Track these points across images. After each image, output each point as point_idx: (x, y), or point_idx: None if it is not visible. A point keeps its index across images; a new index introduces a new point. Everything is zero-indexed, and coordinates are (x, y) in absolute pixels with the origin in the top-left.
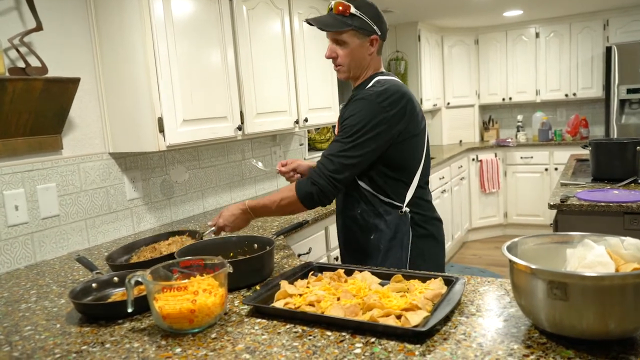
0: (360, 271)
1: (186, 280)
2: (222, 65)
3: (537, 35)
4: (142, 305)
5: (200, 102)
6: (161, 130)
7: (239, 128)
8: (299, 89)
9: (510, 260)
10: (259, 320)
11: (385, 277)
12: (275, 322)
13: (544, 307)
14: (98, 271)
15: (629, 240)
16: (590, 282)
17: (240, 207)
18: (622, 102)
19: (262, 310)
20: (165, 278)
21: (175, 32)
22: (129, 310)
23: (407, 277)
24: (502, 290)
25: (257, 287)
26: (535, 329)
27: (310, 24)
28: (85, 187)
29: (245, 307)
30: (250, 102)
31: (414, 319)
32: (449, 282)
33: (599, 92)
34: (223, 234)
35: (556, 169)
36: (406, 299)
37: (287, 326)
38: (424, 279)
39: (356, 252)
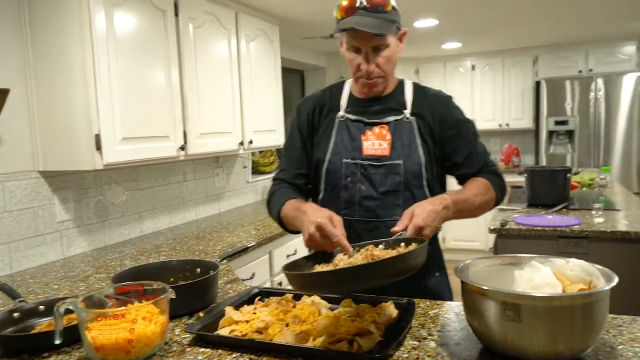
0: (309, 295)
1: (124, 308)
2: (165, 82)
3: (473, 67)
4: (72, 336)
5: (141, 120)
6: (98, 148)
7: (182, 148)
8: (245, 111)
9: (463, 282)
10: (202, 349)
11: (334, 302)
12: (220, 351)
13: (497, 329)
14: (21, 299)
15: (574, 261)
16: (542, 302)
17: (440, 201)
18: (550, 133)
19: (206, 339)
20: (100, 305)
21: (118, 47)
22: (57, 341)
23: (357, 302)
24: (452, 313)
25: (200, 314)
26: (487, 351)
27: (343, 30)
28: (9, 207)
29: (188, 335)
30: (194, 122)
31: (366, 344)
32: (399, 306)
33: (529, 123)
34: (162, 258)
35: None
36: (358, 323)
37: (233, 355)
38: (374, 303)
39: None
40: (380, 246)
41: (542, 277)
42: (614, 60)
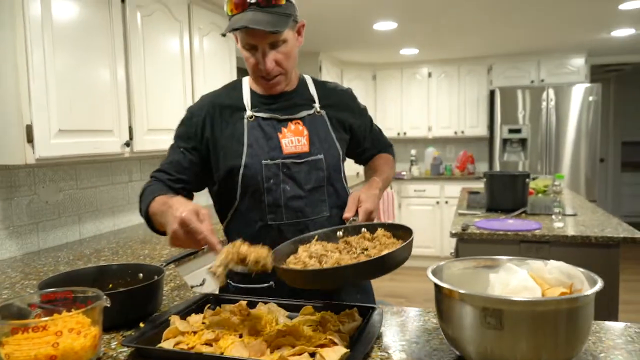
0: (265, 303)
1: (47, 318)
2: (110, 72)
3: (430, 75)
4: None
5: (81, 111)
6: (30, 140)
7: (127, 144)
8: None
9: (437, 286)
10: None
11: (293, 309)
12: None
13: (475, 338)
14: None
15: (553, 263)
16: (526, 307)
17: (375, 185)
18: (504, 141)
19: (147, 353)
20: (19, 316)
21: (55, 33)
22: None
23: (318, 309)
24: (421, 320)
25: (141, 325)
26: None
27: (235, 29)
28: None
29: (125, 349)
30: (141, 116)
31: (331, 357)
32: (364, 313)
33: (484, 131)
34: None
35: (447, 202)
36: (320, 333)
37: None
38: (337, 310)
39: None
40: (339, 232)
41: (518, 281)
42: (563, 71)
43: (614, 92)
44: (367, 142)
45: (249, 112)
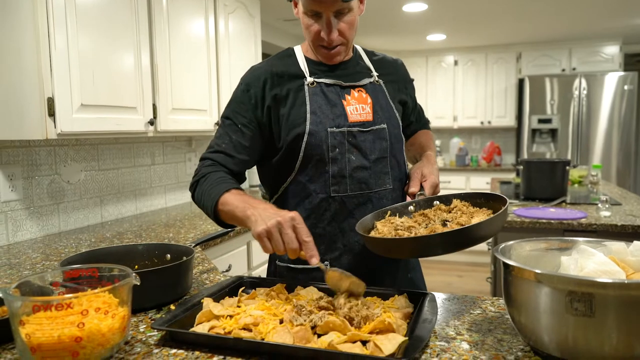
0: (304, 286)
1: (71, 295)
2: (134, 50)
3: (456, 62)
4: (2, 332)
5: (104, 87)
6: (51, 114)
7: (151, 123)
8: (222, 87)
9: (508, 266)
10: (174, 350)
11: (334, 294)
12: (197, 352)
13: (555, 326)
14: None
15: (638, 244)
16: (624, 291)
17: (431, 160)
18: (533, 132)
19: (179, 337)
20: (40, 294)
21: (78, 8)
22: None
23: (364, 294)
24: (478, 308)
25: (172, 307)
26: (536, 354)
27: None
28: None
29: (155, 333)
30: (165, 95)
31: (387, 347)
32: (415, 299)
33: (511, 121)
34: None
35: None
36: (379, 317)
37: (215, 358)
38: (385, 296)
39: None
40: (411, 207)
41: (596, 264)
42: (596, 59)
43: None
44: (413, 116)
45: (309, 79)
